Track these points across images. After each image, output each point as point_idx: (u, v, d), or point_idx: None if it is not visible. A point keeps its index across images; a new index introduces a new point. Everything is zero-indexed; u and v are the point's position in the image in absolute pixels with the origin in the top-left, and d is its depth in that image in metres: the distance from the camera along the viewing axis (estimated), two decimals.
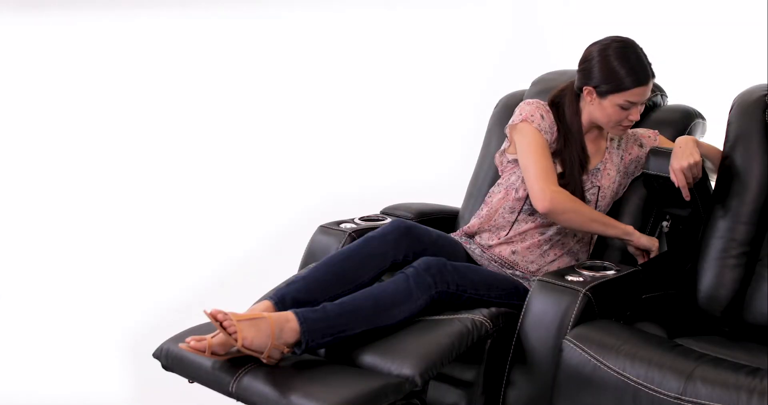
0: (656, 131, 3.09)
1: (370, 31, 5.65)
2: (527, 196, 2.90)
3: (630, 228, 2.88)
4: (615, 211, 3.04)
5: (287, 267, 2.75)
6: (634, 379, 2.31)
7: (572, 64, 2.96)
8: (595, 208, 2.92)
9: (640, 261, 2.90)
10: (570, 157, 2.90)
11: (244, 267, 4.48)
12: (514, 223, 2.94)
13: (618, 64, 2.80)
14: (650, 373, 2.29)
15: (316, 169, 5.27)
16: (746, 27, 4.49)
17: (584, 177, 2.92)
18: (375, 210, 3.34)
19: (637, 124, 3.14)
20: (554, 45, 4.20)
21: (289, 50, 5.85)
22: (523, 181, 2.90)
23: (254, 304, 2.59)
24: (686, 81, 3.88)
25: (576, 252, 2.96)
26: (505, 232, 2.94)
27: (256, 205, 5.06)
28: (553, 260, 2.93)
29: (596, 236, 3.00)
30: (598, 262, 2.79)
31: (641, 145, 3.03)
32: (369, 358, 2.46)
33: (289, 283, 2.62)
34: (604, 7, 4.85)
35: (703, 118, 3.18)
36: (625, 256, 2.98)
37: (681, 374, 2.25)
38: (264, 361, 2.40)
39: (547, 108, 2.95)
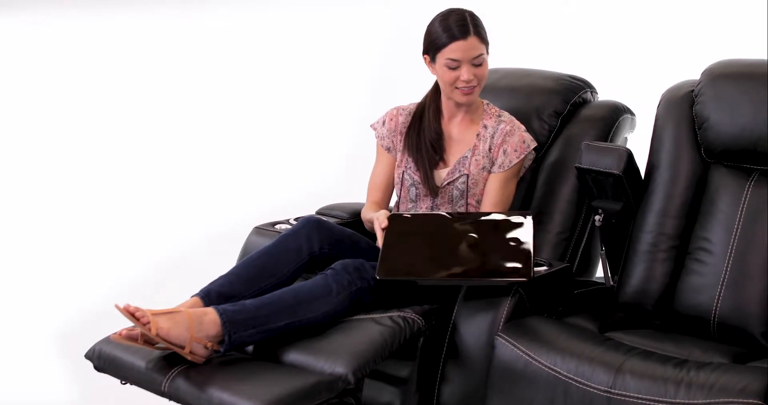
0: (528, 150, 2.95)
1: (293, 33, 5.74)
2: (400, 193, 3.03)
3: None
4: (547, 204, 3.07)
5: (223, 268, 2.74)
6: (565, 373, 2.33)
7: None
8: (468, 194, 2.94)
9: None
10: (420, 158, 2.97)
11: (180, 268, 4.46)
12: None
13: (437, 25, 2.86)
14: (581, 367, 2.31)
15: (252, 171, 5.28)
16: (675, 23, 4.55)
17: (449, 169, 2.96)
18: (311, 211, 3.33)
19: (565, 119, 3.18)
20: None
21: (221, 54, 5.91)
22: (402, 182, 3.02)
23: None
24: (616, 77, 3.93)
25: None
26: None
27: (192, 206, 5.05)
28: None
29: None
30: None
31: (505, 152, 2.94)
32: (301, 357, 2.47)
33: (214, 280, 2.67)
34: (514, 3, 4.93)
35: (631, 113, 3.21)
36: (556, 252, 3.01)
37: (610, 368, 2.28)
38: (188, 357, 2.41)
39: (402, 112, 3.05)
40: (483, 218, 2.77)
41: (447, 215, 2.81)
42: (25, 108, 6.00)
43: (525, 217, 2.72)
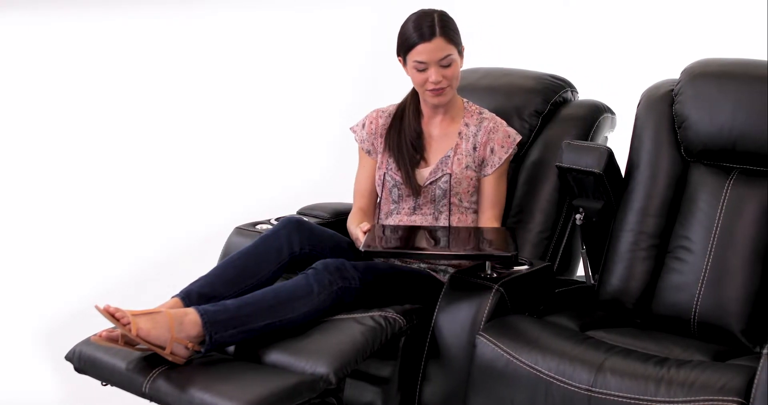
0: (514, 144, 2.96)
1: (276, 34, 5.73)
2: (382, 194, 3.01)
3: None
4: (528, 203, 3.08)
5: (204, 269, 2.74)
6: (546, 372, 2.33)
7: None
8: (450, 193, 2.93)
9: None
10: (401, 158, 2.96)
11: (161, 268, 4.45)
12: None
13: (407, 26, 2.85)
14: (561, 366, 2.32)
15: (233, 171, 5.28)
16: (655, 23, 4.56)
17: (432, 168, 2.95)
18: (292, 211, 3.33)
19: (546, 118, 3.19)
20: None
21: (205, 55, 5.90)
22: (384, 184, 3.00)
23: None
24: (596, 76, 3.94)
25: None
26: None
27: (173, 206, 5.04)
28: None
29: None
30: None
31: (492, 151, 2.94)
32: (282, 358, 2.46)
33: (195, 281, 2.66)
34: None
35: (612, 112, 3.22)
36: (537, 251, 3.01)
37: (591, 366, 2.28)
38: (169, 358, 2.40)
39: (382, 114, 3.05)
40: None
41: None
42: (18, 107, 5.99)
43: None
